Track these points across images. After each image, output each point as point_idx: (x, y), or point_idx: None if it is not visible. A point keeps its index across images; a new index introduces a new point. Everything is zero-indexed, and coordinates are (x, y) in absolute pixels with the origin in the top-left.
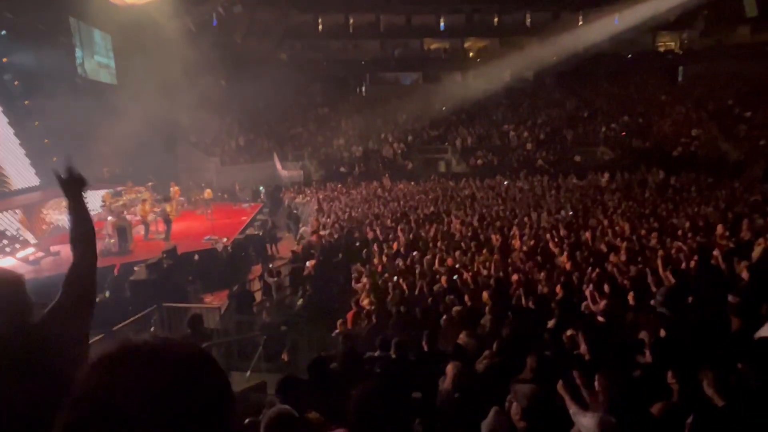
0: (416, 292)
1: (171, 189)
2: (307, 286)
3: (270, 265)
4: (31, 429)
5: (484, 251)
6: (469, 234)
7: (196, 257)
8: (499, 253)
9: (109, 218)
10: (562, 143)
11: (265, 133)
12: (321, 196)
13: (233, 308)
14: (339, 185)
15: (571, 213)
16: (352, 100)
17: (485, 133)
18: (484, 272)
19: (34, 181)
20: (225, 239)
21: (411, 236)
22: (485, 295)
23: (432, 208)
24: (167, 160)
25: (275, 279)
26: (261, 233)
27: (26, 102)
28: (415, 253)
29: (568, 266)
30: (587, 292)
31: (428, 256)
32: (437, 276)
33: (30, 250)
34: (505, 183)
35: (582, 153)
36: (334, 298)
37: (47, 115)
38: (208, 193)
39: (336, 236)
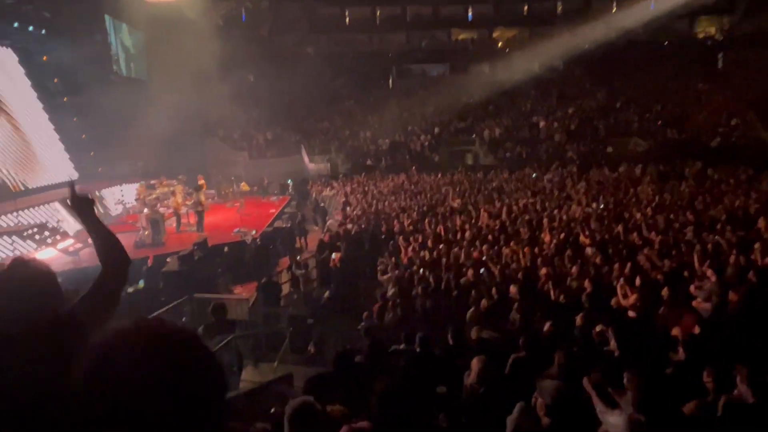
0: (442, 286)
1: (199, 182)
2: (334, 279)
3: (297, 258)
4: (59, 412)
5: (513, 244)
6: (497, 227)
7: (226, 249)
8: (527, 246)
9: (144, 211)
10: (594, 134)
11: (292, 127)
12: (348, 189)
13: (261, 300)
14: (366, 178)
15: (534, 175)
16: (378, 93)
17: (514, 124)
18: (512, 266)
19: (72, 174)
20: (254, 232)
21: (438, 229)
22: (513, 289)
23: (459, 201)
24: (197, 155)
25: (302, 271)
26: (289, 226)
27: (65, 99)
28: (441, 245)
29: (598, 260)
30: (618, 287)
31: (455, 249)
32: (464, 269)
33: (69, 241)
34: (534, 175)
35: (614, 144)
36: (360, 291)
37: (84, 111)
38: (244, 185)
39: (362, 229)
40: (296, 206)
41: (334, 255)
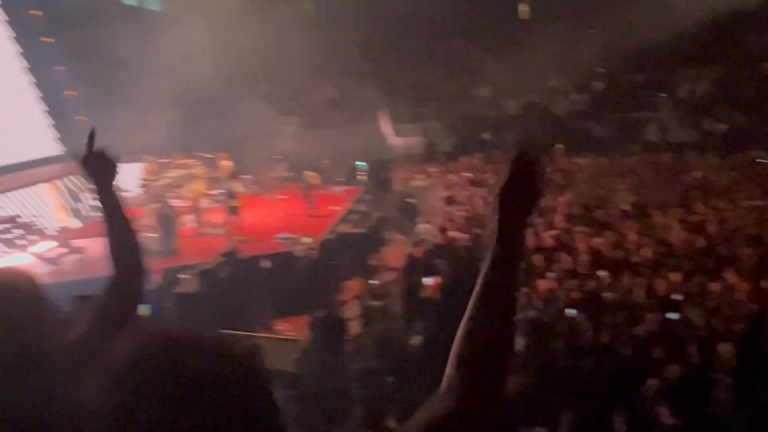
0: (607, 337)
1: (220, 162)
2: (428, 316)
3: (372, 281)
4: None
5: (727, 274)
6: (701, 246)
7: (266, 264)
8: (753, 278)
9: (150, 204)
10: None
11: (368, 80)
12: (452, 178)
13: (316, 343)
14: (481, 160)
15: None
16: (502, 26)
17: (731, 75)
18: (726, 311)
19: (54, 149)
20: (308, 239)
21: (597, 244)
22: (724, 348)
23: (634, 200)
24: (228, 121)
25: (380, 303)
26: (360, 232)
27: (49, 39)
28: (603, 272)
29: None
30: None
31: (625, 278)
32: (643, 312)
33: (48, 244)
34: (765, 162)
35: None
36: None
37: (76, 56)
38: (310, 175)
39: (474, 241)
40: (371, 202)
41: (429, 279)
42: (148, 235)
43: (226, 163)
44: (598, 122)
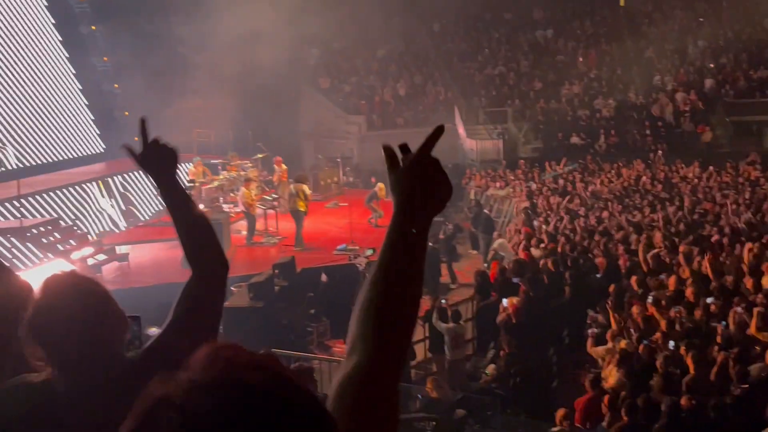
0: (711, 375)
1: (277, 167)
2: (505, 342)
3: (442, 301)
4: None
5: None
6: None
7: (324, 278)
8: None
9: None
10: None
11: (442, 75)
12: (535, 187)
13: None
14: (569, 167)
15: None
16: (598, 14)
17: None
18: None
19: (96, 147)
20: (370, 251)
21: (706, 266)
22: None
23: (748, 217)
24: (284, 119)
25: (450, 325)
26: (430, 245)
27: (92, 27)
28: (711, 299)
29: None
30: None
31: (738, 308)
32: (756, 347)
33: (88, 249)
34: None
35: None
36: (550, 367)
37: (120, 46)
38: (380, 188)
39: (560, 259)
40: (442, 212)
41: (507, 301)
42: None
43: (281, 167)
44: (710, 126)
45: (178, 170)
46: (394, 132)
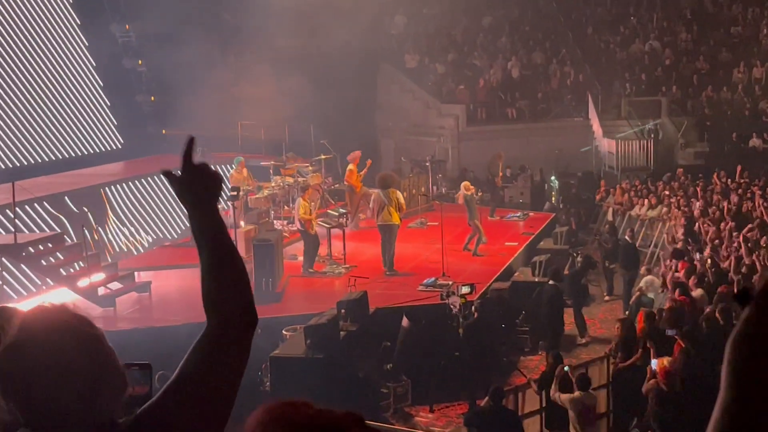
0: None
1: (349, 166)
2: (654, 419)
3: (566, 368)
4: None
5: None
6: None
7: (406, 323)
8: None
9: (241, 224)
10: None
11: (571, 52)
12: (699, 206)
13: None
14: (746, 180)
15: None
16: None
17: None
18: None
19: (113, 142)
20: (467, 289)
21: None
22: None
23: None
24: (358, 111)
25: (576, 394)
26: (549, 283)
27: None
28: None
29: None
30: None
31: None
32: None
33: (99, 275)
34: None
35: None
36: None
37: (147, 11)
38: (466, 186)
39: (725, 302)
40: (568, 237)
41: (657, 362)
42: None
43: (351, 170)
44: None
45: (217, 199)
46: (504, 128)
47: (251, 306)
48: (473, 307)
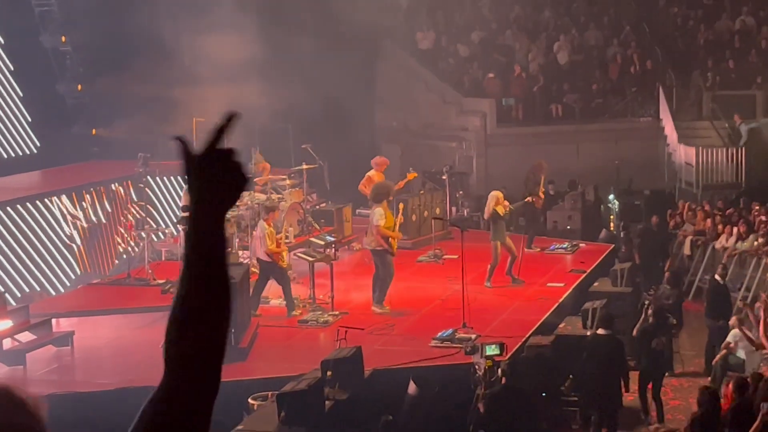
0: None
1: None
2: None
3: None
4: None
5: None
6: None
7: (413, 389)
8: None
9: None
10: None
11: (635, 31)
12: None
13: None
14: None
15: None
16: None
17: None
18: None
19: (27, 146)
20: (495, 348)
21: None
22: None
23: None
24: (354, 107)
25: None
26: (606, 334)
27: None
28: None
29: None
30: None
31: None
32: None
33: (5, 323)
34: None
35: None
36: None
37: None
38: (499, 198)
39: None
40: (631, 276)
41: None
42: None
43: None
44: None
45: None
46: (546, 130)
47: (219, 358)
48: (499, 370)
